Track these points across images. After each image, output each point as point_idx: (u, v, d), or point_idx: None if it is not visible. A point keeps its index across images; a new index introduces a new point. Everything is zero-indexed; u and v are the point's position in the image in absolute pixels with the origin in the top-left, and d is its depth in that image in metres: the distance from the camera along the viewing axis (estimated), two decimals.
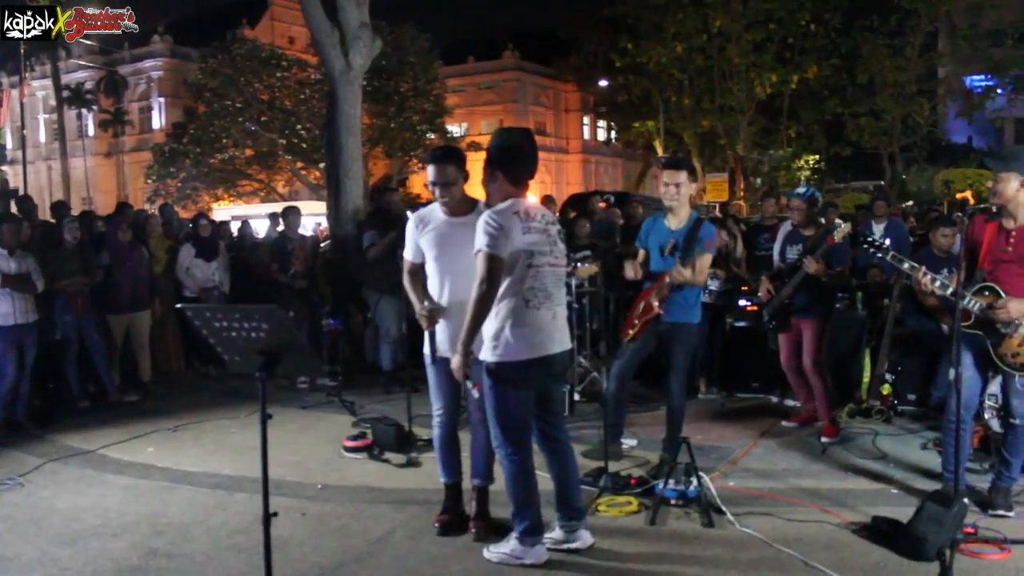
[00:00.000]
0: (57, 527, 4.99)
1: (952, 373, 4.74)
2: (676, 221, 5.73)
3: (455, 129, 46.18)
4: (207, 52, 37.16)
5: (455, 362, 4.15)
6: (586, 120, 53.81)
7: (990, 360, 4.89)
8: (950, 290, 4.82)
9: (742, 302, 8.23)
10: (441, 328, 4.56)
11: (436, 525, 4.76)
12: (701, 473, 5.10)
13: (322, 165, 37.49)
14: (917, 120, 26.54)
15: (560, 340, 4.29)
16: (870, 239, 5.11)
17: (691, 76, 29.15)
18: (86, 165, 45.65)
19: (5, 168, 42.13)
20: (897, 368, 7.24)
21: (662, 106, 31.57)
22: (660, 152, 32.87)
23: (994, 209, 4.92)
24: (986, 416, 6.11)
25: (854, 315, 8.14)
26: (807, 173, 35.59)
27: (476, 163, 4.17)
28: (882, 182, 28.30)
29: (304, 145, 36.65)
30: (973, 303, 4.82)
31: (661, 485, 5.10)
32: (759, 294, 6.90)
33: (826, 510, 5.01)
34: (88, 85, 46.62)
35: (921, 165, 27.67)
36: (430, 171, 4.56)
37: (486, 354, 4.16)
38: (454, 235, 4.54)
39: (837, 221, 6.87)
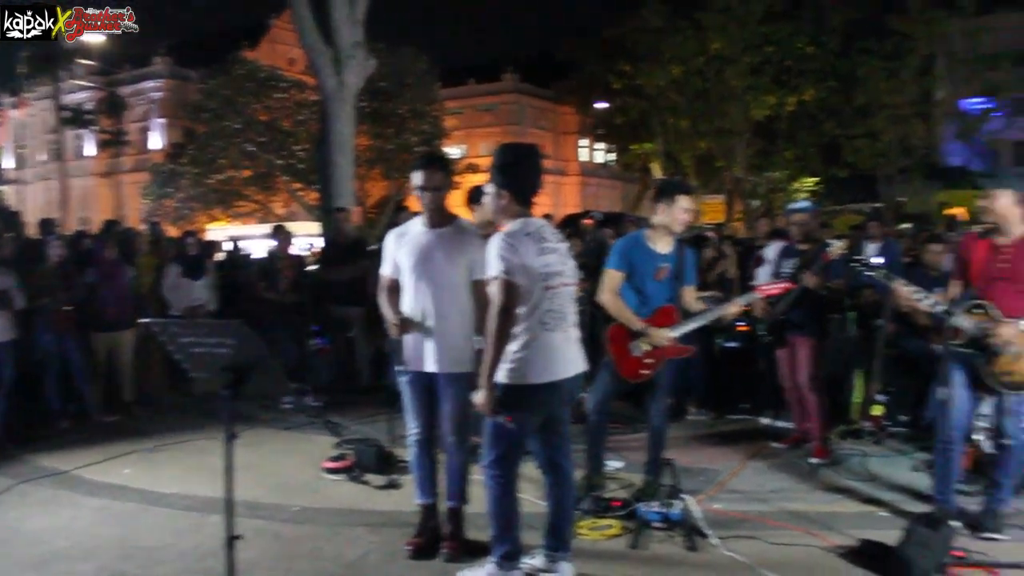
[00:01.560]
0: (23, 550, 4.87)
1: (942, 393, 4.66)
2: (664, 244, 5.46)
3: (453, 151, 46.28)
4: (206, 73, 37.29)
5: (480, 396, 3.95)
6: (584, 143, 53.86)
7: (981, 379, 4.79)
8: (939, 307, 4.72)
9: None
10: (412, 341, 4.46)
11: (408, 548, 4.63)
12: (685, 495, 4.98)
13: (318, 186, 37.66)
14: (914, 142, 26.50)
15: (574, 362, 4.16)
16: (861, 258, 5.02)
17: (689, 99, 29.17)
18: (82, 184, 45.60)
19: (4, 188, 42.19)
20: (889, 389, 7.13)
21: (660, 128, 31.59)
22: (658, 174, 32.88)
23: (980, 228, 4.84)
24: (977, 437, 5.97)
25: (846, 335, 8.04)
26: (805, 195, 35.55)
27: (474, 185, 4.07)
28: (879, 204, 28.24)
29: (302, 166, 36.63)
30: (965, 321, 4.73)
31: (644, 508, 4.98)
32: (756, 311, 6.80)
33: (812, 533, 4.89)
34: (88, 106, 46.72)
35: (918, 187, 27.61)
36: (416, 176, 4.48)
37: (500, 376, 3.96)
38: (430, 246, 4.46)
39: (830, 242, 6.78)
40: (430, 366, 4.45)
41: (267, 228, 21.70)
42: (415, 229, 4.57)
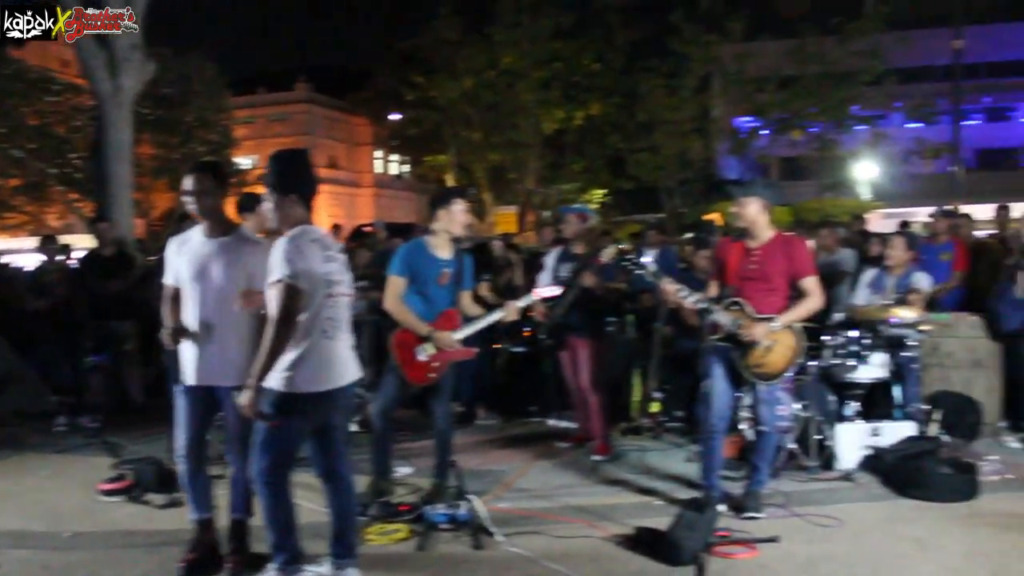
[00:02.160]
0: None
1: (705, 385, 5.02)
2: (445, 250, 5.63)
3: (244, 161, 44.92)
4: None
5: (245, 397, 3.86)
6: (379, 154, 53.61)
7: (739, 371, 5.19)
8: (701, 304, 5.08)
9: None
10: (192, 352, 4.34)
11: (181, 565, 4.47)
12: (471, 496, 5.09)
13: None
14: (692, 156, 28.17)
15: (351, 370, 4.17)
16: (631, 257, 5.32)
17: (480, 111, 29.71)
18: None
19: None
20: (665, 387, 7.57)
21: (453, 140, 31.98)
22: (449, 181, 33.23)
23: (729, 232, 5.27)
24: (742, 426, 6.46)
25: (625, 337, 8.45)
26: (594, 207, 36.96)
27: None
28: (662, 215, 29.80)
29: (78, 176, 34.45)
30: (725, 319, 5.11)
31: (431, 510, 5.06)
32: (535, 315, 7.03)
33: (593, 525, 5.12)
34: None
35: (698, 199, 29.34)
36: (185, 182, 4.36)
37: (275, 383, 3.92)
38: (209, 256, 4.35)
39: (604, 246, 7.14)
40: (209, 379, 4.34)
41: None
42: (195, 238, 4.45)
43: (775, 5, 29.22)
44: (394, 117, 37.45)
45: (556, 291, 6.08)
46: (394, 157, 53.02)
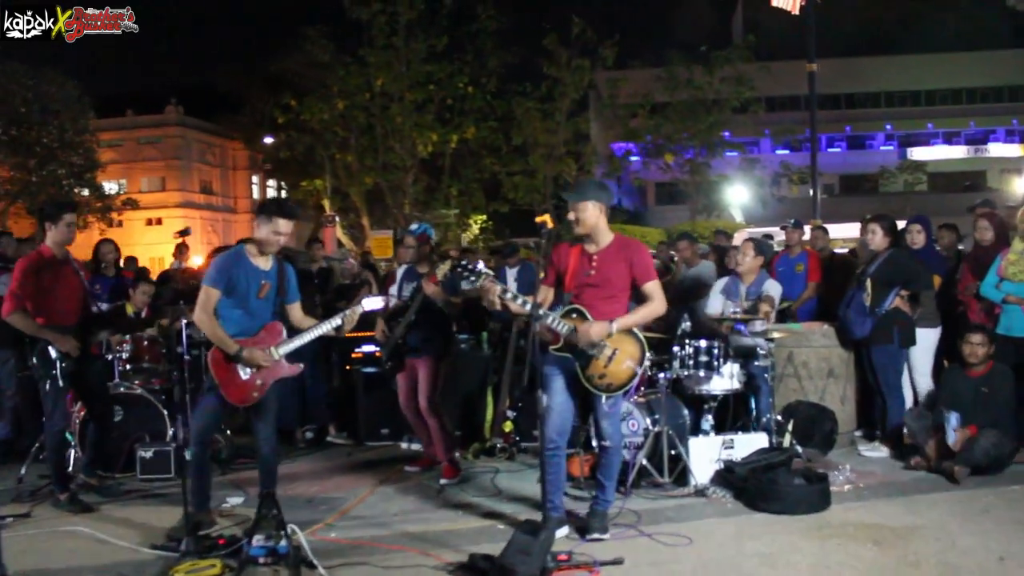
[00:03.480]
0: None
1: (543, 399, 4.70)
2: (265, 261, 5.25)
3: (112, 186, 43.09)
4: None
5: None
6: (255, 179, 52.26)
7: (580, 383, 4.89)
8: (527, 306, 4.76)
9: (368, 348, 7.95)
10: None
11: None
12: (293, 527, 4.62)
13: None
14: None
15: None
16: (464, 263, 4.96)
17: (355, 134, 29.17)
18: None
19: None
20: (519, 405, 7.25)
21: (328, 164, 31.30)
22: (328, 211, 32.51)
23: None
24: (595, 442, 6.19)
25: (479, 355, 8.14)
26: (476, 231, 36.93)
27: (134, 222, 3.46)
28: (540, 238, 29.80)
29: None
30: (560, 325, 4.81)
31: (248, 544, 4.57)
32: (375, 335, 6.66)
33: (427, 553, 4.74)
34: None
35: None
36: None
37: None
38: None
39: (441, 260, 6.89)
40: None
41: None
42: None
43: (646, 32, 29.85)
44: (267, 140, 36.54)
45: (379, 302, 5.64)
46: (271, 182, 51.72)
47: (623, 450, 5.41)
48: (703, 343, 6.10)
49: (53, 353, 5.79)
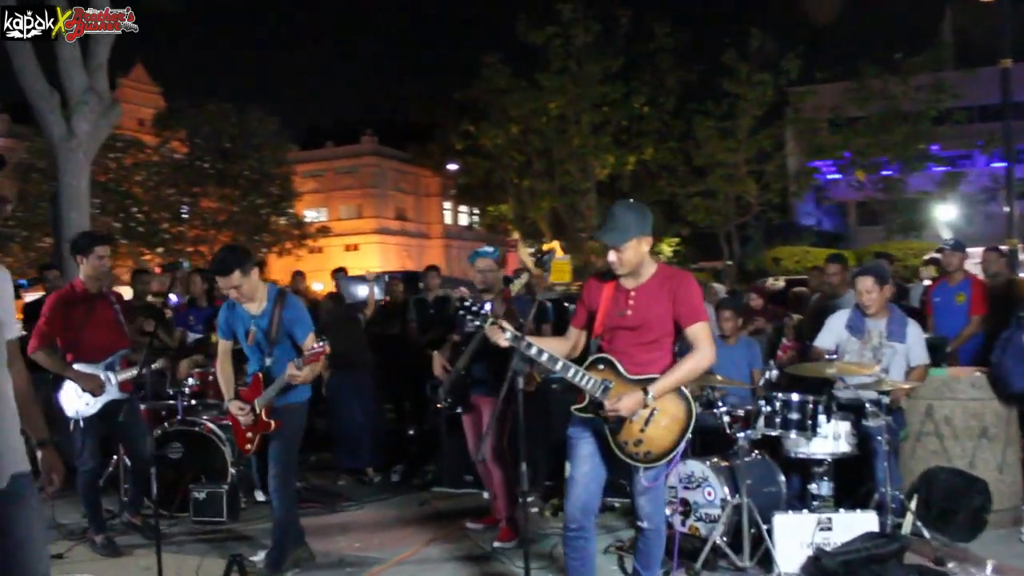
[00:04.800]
0: None
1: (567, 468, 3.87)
2: (256, 306, 4.97)
3: (312, 214, 45.11)
4: (37, 131, 35.35)
5: None
6: (447, 205, 53.34)
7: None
8: (542, 355, 3.91)
9: None
10: None
11: None
12: None
13: (160, 250, 35.89)
14: (749, 200, 26.80)
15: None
16: (467, 303, 4.15)
17: (531, 158, 28.96)
18: None
19: None
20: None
21: (512, 189, 31.27)
22: (516, 235, 32.48)
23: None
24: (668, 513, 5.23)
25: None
26: (668, 254, 35.85)
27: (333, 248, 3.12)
28: (730, 262, 28.39)
29: (141, 229, 34.94)
30: (587, 380, 3.94)
31: None
32: (435, 372, 5.98)
33: None
34: None
35: (758, 244, 27.96)
36: None
37: None
38: None
39: (516, 272, 6.15)
40: None
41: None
42: None
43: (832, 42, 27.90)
44: (451, 167, 37.10)
45: (320, 348, 4.75)
46: (463, 207, 52.62)
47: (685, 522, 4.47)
48: (795, 397, 5.02)
49: (78, 392, 5.56)
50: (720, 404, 5.20)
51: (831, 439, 5.09)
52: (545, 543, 5.61)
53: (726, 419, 5.02)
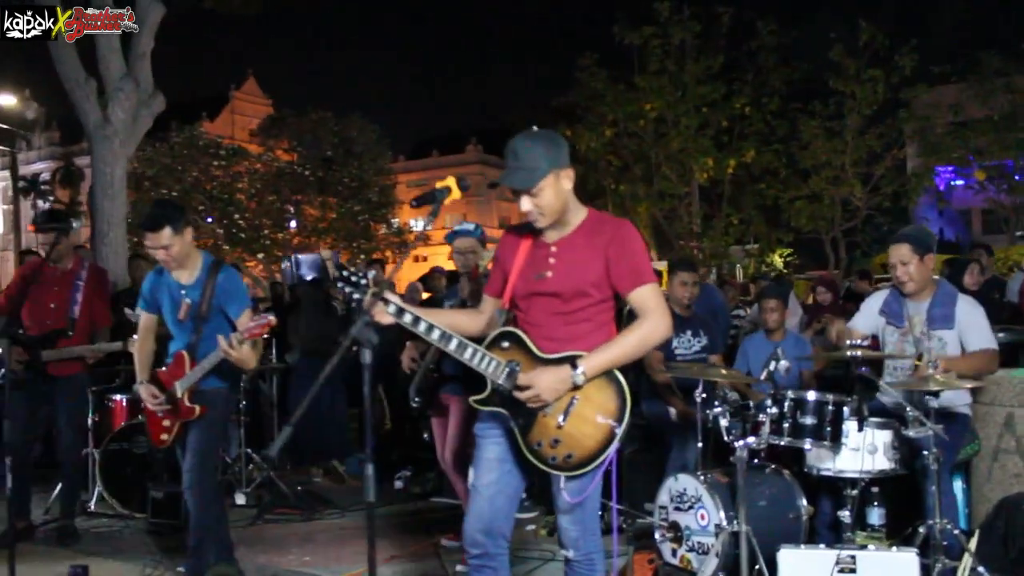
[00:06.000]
0: None
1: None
2: (187, 274, 4.27)
3: (416, 222, 45.17)
4: (147, 143, 36.59)
5: None
6: None
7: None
8: (432, 332, 3.04)
9: None
10: None
11: None
12: None
13: (260, 255, 36.41)
14: (855, 203, 25.04)
15: None
16: (348, 270, 3.26)
17: (627, 162, 27.94)
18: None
19: None
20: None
21: (611, 195, 30.34)
22: None
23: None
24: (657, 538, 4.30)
25: None
26: (779, 263, 34.29)
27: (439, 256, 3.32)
28: (836, 270, 26.69)
29: (243, 235, 35.56)
30: (488, 363, 3.05)
31: None
32: (403, 365, 5.17)
33: None
34: (45, 176, 45.97)
35: (865, 250, 26.19)
36: None
37: None
38: None
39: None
40: None
41: None
42: None
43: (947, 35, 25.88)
44: None
45: (260, 323, 4.02)
46: None
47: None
48: (809, 396, 3.98)
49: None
50: (716, 403, 4.18)
51: (865, 453, 4.03)
52: (520, 566, 4.72)
53: (724, 422, 4.00)
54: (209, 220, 35.37)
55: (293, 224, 37.79)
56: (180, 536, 5.30)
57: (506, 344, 3.07)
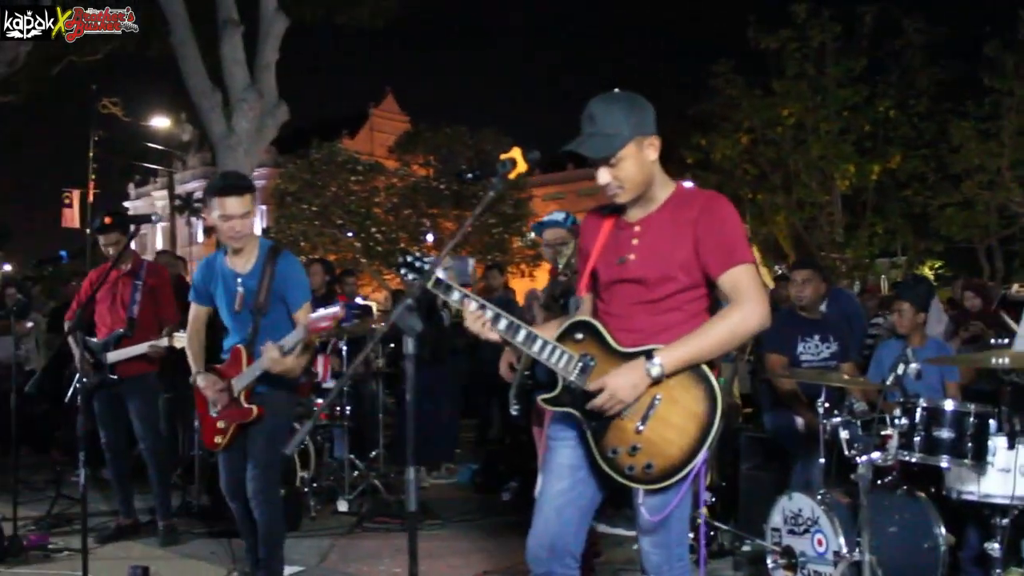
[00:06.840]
0: None
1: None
2: (242, 261, 3.97)
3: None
4: (288, 159, 37.98)
5: None
6: None
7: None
8: (503, 324, 2.72)
9: None
10: None
11: None
12: None
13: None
14: (1014, 210, 23.29)
15: None
16: (409, 256, 2.99)
17: (765, 170, 27.00)
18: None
19: None
20: (722, 484, 5.00)
21: (748, 205, 29.43)
22: (754, 251, 30.54)
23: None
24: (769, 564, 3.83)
25: None
26: (931, 277, 32.49)
27: None
28: (993, 282, 24.95)
29: (380, 248, 36.28)
30: (557, 355, 2.71)
31: None
32: (500, 371, 4.87)
33: None
34: (198, 194, 48.37)
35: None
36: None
37: None
38: None
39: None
40: None
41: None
42: None
43: None
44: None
45: (327, 314, 3.64)
46: None
47: None
48: (948, 406, 3.45)
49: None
50: (836, 413, 3.68)
51: (1017, 475, 3.48)
52: None
53: (844, 434, 3.51)
54: (349, 234, 36.28)
55: (430, 237, 38.28)
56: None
57: (580, 336, 2.73)
